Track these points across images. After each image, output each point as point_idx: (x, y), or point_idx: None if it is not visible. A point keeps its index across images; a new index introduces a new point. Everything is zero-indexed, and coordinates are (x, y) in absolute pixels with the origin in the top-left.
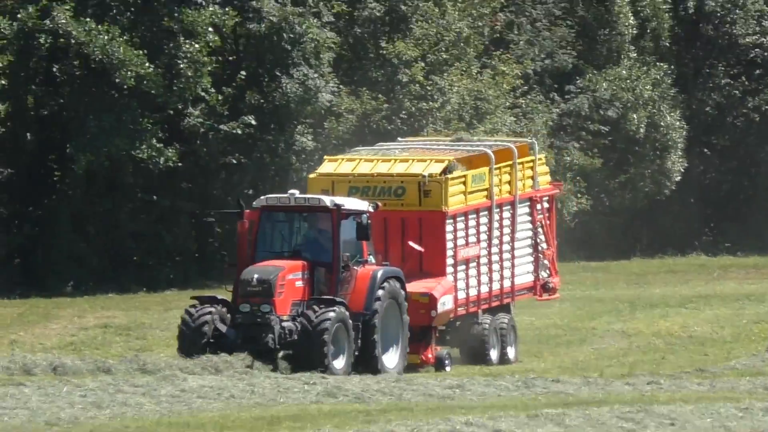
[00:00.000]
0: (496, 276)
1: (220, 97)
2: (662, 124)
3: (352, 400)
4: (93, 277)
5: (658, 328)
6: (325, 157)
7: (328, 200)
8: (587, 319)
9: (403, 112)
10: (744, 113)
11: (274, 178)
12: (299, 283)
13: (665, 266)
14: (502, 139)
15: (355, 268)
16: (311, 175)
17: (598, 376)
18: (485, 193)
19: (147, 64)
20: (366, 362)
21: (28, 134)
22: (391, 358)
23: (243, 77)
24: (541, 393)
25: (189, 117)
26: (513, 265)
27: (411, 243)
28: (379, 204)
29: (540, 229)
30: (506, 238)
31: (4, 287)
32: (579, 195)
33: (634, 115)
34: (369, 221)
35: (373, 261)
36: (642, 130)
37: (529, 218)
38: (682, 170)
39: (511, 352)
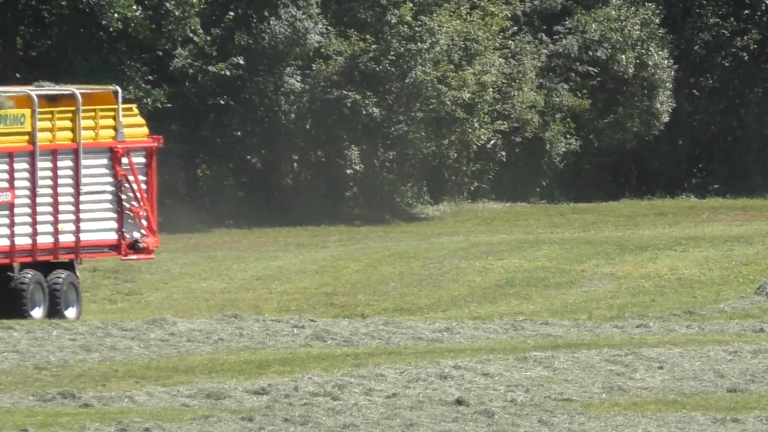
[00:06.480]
0: (44, 228)
1: (208, 38)
2: (650, 63)
3: (340, 343)
4: None
5: (647, 270)
6: None
7: None
8: (576, 262)
9: (392, 53)
10: (732, 53)
11: (262, 120)
12: None
13: (654, 208)
14: (84, 86)
15: None
16: None
17: (586, 318)
18: (27, 137)
19: (134, 7)
20: None
21: (17, 75)
22: None
23: (231, 18)
24: (529, 335)
25: (177, 58)
26: (77, 220)
27: None
28: None
29: (127, 185)
30: (65, 189)
31: None
32: (568, 136)
33: (623, 56)
34: None
35: None
36: (630, 71)
37: (110, 171)
38: (671, 111)
39: (71, 312)
